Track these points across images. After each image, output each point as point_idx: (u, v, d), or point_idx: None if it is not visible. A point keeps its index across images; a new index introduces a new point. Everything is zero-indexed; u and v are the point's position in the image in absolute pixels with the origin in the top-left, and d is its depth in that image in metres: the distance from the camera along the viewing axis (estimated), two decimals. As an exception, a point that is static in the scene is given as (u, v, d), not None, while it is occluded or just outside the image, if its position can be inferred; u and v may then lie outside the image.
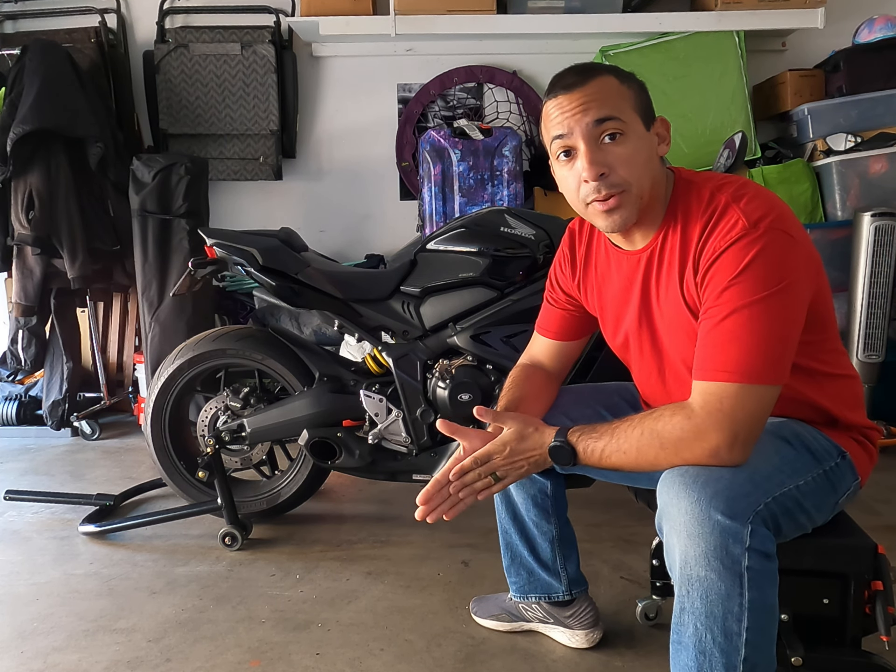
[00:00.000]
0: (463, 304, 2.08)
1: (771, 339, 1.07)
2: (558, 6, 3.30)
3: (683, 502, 1.04)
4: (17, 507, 2.46)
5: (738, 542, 1.01)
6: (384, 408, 2.11)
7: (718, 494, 1.02)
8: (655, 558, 1.59)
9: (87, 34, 3.46)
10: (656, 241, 1.21)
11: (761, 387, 1.06)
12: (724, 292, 1.08)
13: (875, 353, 2.82)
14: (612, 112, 1.13)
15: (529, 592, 1.63)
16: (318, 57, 3.66)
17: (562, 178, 1.21)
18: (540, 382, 1.46)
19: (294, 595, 1.88)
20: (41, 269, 3.13)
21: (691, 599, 1.03)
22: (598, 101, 1.14)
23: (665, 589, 1.59)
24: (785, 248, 1.08)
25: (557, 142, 1.17)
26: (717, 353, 1.08)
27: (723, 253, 1.09)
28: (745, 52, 3.24)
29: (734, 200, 1.12)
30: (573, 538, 1.62)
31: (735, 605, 1.01)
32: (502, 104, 3.61)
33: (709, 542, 1.00)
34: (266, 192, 3.72)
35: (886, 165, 3.04)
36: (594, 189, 1.15)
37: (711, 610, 1.02)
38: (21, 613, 1.81)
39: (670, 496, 1.06)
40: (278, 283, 2.12)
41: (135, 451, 3.10)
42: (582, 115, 1.13)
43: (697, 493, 1.03)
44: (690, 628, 1.04)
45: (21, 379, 3.54)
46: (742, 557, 1.01)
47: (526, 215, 2.11)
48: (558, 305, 1.48)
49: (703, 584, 1.02)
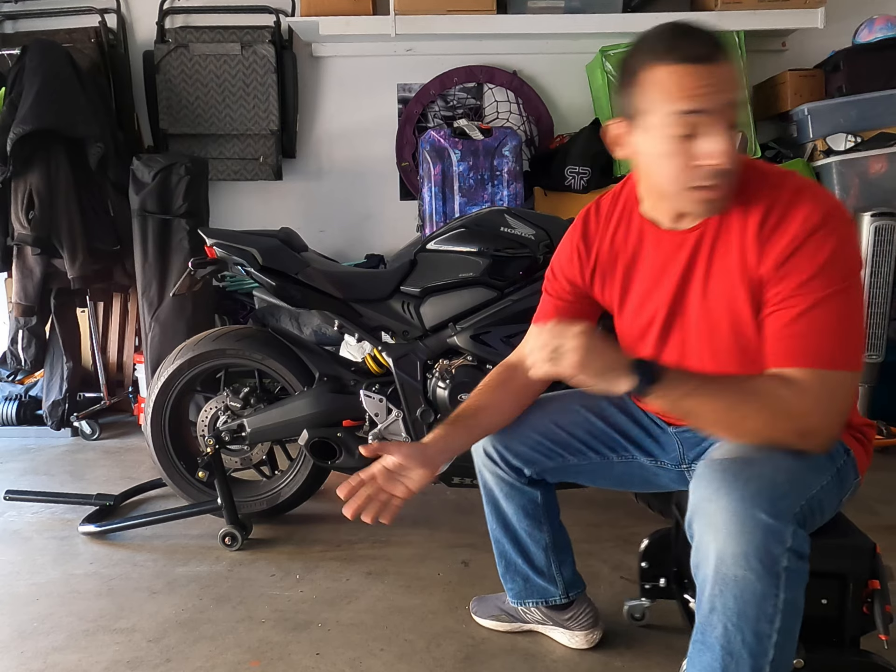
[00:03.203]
0: (463, 304, 2.08)
1: (856, 328, 1.09)
2: (558, 6, 3.30)
3: (724, 499, 1.01)
4: (17, 507, 2.46)
5: (780, 542, 0.99)
6: (384, 408, 2.11)
7: (761, 493, 1.01)
8: (645, 560, 1.58)
9: (87, 34, 3.46)
10: (712, 223, 1.17)
11: (854, 374, 1.09)
12: (809, 282, 1.07)
13: (875, 353, 2.82)
14: (739, 96, 1.08)
15: (526, 598, 1.61)
16: (318, 57, 3.66)
17: (664, 154, 1.09)
18: (515, 388, 1.41)
19: (294, 595, 1.88)
20: (41, 269, 3.13)
21: (724, 599, 1.01)
22: (732, 82, 1.07)
23: (654, 591, 1.59)
24: (853, 238, 1.11)
25: (687, 117, 1.04)
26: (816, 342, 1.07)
27: (803, 243, 1.07)
28: (745, 52, 3.24)
29: (804, 190, 1.11)
30: (567, 542, 1.61)
31: (770, 606, 1.00)
32: (502, 104, 3.61)
33: (750, 542, 0.99)
34: (266, 192, 3.71)
35: (886, 165, 3.03)
36: (708, 176, 1.08)
37: (745, 610, 1.00)
38: (21, 613, 1.81)
39: (708, 492, 1.04)
40: (278, 283, 2.12)
41: (135, 451, 3.10)
42: (720, 95, 1.04)
43: (741, 491, 1.01)
44: (719, 629, 1.03)
45: (21, 379, 3.54)
46: (782, 558, 0.99)
47: (526, 215, 2.11)
48: (558, 296, 1.42)
49: (739, 584, 1.00)
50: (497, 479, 1.51)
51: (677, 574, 1.58)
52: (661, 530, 1.62)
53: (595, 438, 1.44)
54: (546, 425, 1.39)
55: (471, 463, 1.56)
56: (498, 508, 1.56)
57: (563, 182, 3.21)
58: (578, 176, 3.20)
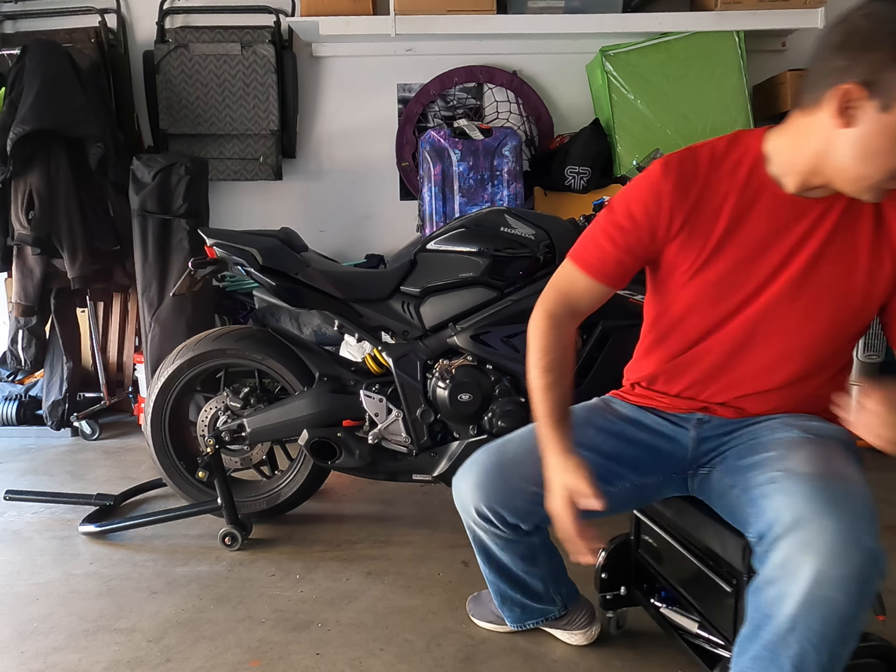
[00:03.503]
0: (463, 304, 2.08)
1: None
2: (558, 6, 3.30)
3: (827, 519, 0.99)
4: (17, 507, 2.46)
5: (876, 566, 0.99)
6: (384, 408, 2.11)
7: (864, 515, 1.00)
8: (605, 571, 1.58)
9: (87, 34, 3.46)
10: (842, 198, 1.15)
11: None
12: None
13: (875, 353, 2.82)
14: None
15: (526, 621, 1.60)
16: (318, 57, 3.66)
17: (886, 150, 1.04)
18: (573, 356, 1.32)
19: (294, 595, 1.88)
20: (41, 269, 3.13)
21: (809, 620, 0.99)
22: None
23: (616, 601, 1.60)
24: None
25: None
26: None
27: None
28: (744, 53, 3.24)
29: None
30: (561, 562, 1.56)
31: (851, 629, 1.00)
32: (502, 104, 3.61)
33: (854, 565, 0.98)
34: (266, 192, 3.72)
35: (886, 165, 3.03)
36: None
37: (828, 633, 0.99)
38: (21, 613, 1.81)
39: (808, 510, 1.01)
40: (278, 283, 2.12)
41: (135, 451, 3.10)
42: None
43: (846, 512, 1.00)
44: (795, 648, 1.01)
45: (21, 379, 3.54)
46: (874, 582, 1.00)
47: (526, 215, 2.11)
48: (626, 247, 1.25)
49: (829, 606, 0.98)
50: (491, 535, 1.44)
51: (638, 580, 1.58)
52: (616, 538, 1.63)
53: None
54: (541, 473, 1.27)
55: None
56: (491, 558, 1.51)
57: (563, 182, 3.21)
58: (578, 176, 3.20)
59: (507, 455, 1.36)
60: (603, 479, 1.28)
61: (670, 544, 1.45)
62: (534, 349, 1.30)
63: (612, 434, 1.36)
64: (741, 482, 1.19)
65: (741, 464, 1.22)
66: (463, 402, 2.02)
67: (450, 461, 2.06)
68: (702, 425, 1.34)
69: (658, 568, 1.51)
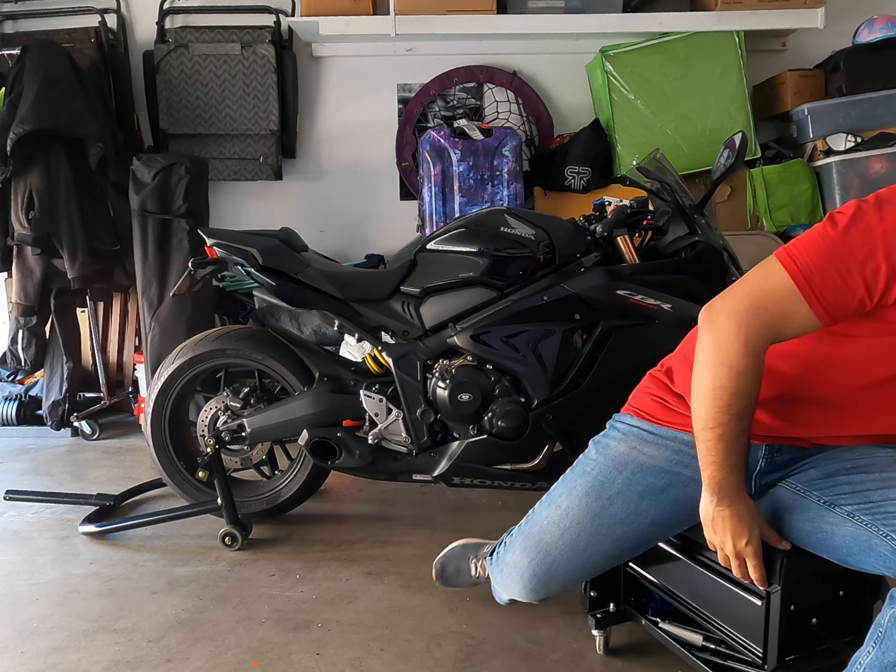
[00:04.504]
0: (463, 304, 2.07)
1: None
2: (558, 6, 3.30)
3: None
4: (17, 507, 2.46)
5: None
6: (384, 408, 2.11)
7: None
8: (594, 589, 1.56)
9: (87, 34, 3.46)
10: None
11: None
12: None
13: None
14: None
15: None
16: (318, 57, 3.66)
17: None
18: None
19: (294, 595, 1.88)
20: (41, 269, 3.13)
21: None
22: None
23: (606, 619, 1.58)
24: None
25: None
26: None
27: None
28: (744, 53, 3.24)
29: None
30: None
31: None
32: (502, 104, 3.61)
33: None
34: (266, 192, 3.72)
35: (886, 165, 3.04)
36: None
37: None
38: (21, 613, 1.81)
39: None
40: (278, 283, 2.12)
41: (135, 451, 3.10)
42: None
43: None
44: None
45: (21, 379, 3.54)
46: None
47: (526, 215, 2.11)
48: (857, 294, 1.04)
49: None
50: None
51: (626, 595, 1.57)
52: None
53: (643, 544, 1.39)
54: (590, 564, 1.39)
55: (471, 463, 1.55)
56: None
57: (563, 182, 3.21)
58: (578, 176, 3.20)
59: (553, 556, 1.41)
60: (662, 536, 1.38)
61: (676, 557, 1.41)
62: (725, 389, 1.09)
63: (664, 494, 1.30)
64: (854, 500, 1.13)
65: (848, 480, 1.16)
66: (463, 402, 2.02)
67: (450, 461, 2.06)
68: (772, 455, 1.26)
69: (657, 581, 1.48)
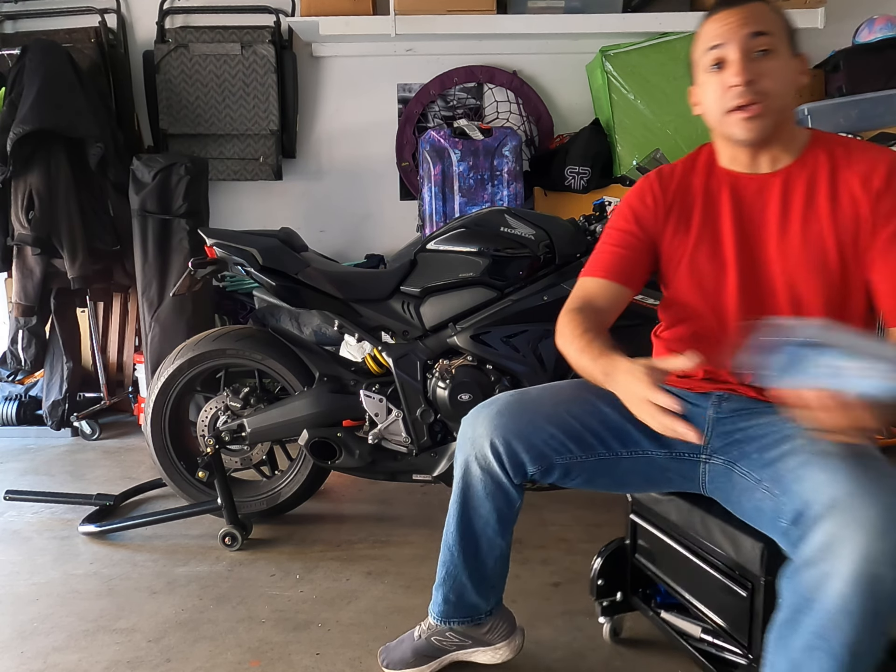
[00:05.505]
0: (463, 304, 2.08)
1: None
2: (558, 6, 3.30)
3: (870, 497, 0.99)
4: (17, 507, 2.46)
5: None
6: (384, 408, 2.12)
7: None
8: (601, 578, 1.56)
9: (87, 34, 3.46)
10: (794, 169, 1.28)
11: None
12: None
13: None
14: (767, 28, 1.23)
15: (452, 617, 1.51)
16: (318, 57, 3.66)
17: (707, 89, 1.27)
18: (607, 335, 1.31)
19: (294, 595, 1.88)
20: (41, 269, 3.13)
21: (862, 599, 0.97)
22: (756, 17, 1.23)
23: (612, 608, 1.59)
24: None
25: (712, 52, 1.25)
26: None
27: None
28: (745, 53, 3.24)
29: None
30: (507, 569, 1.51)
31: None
32: (502, 104, 3.61)
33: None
34: (266, 192, 3.72)
35: (886, 165, 3.03)
36: (739, 95, 1.21)
37: (880, 609, 0.98)
38: (21, 613, 1.81)
39: (850, 489, 1.01)
40: (278, 283, 2.12)
41: (135, 451, 3.10)
42: (739, 28, 1.23)
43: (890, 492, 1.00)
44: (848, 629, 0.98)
45: (21, 379, 3.54)
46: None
47: (526, 215, 2.11)
48: (621, 244, 1.38)
49: (881, 582, 0.97)
50: (485, 474, 1.37)
51: (634, 585, 1.57)
52: (612, 543, 1.62)
53: (607, 430, 1.34)
54: (561, 416, 1.32)
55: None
56: (467, 510, 1.42)
57: (563, 182, 3.21)
58: (578, 176, 3.20)
59: (530, 395, 1.41)
60: (618, 439, 1.34)
61: (673, 548, 1.42)
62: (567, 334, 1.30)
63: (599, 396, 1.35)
64: (769, 474, 1.17)
65: (768, 456, 1.20)
66: (463, 402, 2.02)
67: (450, 461, 2.06)
68: (720, 403, 1.34)
69: (659, 572, 1.49)
